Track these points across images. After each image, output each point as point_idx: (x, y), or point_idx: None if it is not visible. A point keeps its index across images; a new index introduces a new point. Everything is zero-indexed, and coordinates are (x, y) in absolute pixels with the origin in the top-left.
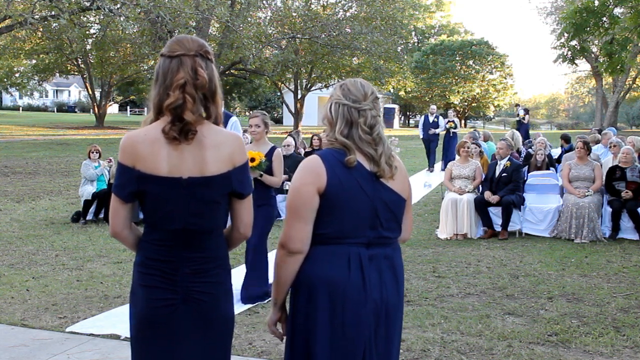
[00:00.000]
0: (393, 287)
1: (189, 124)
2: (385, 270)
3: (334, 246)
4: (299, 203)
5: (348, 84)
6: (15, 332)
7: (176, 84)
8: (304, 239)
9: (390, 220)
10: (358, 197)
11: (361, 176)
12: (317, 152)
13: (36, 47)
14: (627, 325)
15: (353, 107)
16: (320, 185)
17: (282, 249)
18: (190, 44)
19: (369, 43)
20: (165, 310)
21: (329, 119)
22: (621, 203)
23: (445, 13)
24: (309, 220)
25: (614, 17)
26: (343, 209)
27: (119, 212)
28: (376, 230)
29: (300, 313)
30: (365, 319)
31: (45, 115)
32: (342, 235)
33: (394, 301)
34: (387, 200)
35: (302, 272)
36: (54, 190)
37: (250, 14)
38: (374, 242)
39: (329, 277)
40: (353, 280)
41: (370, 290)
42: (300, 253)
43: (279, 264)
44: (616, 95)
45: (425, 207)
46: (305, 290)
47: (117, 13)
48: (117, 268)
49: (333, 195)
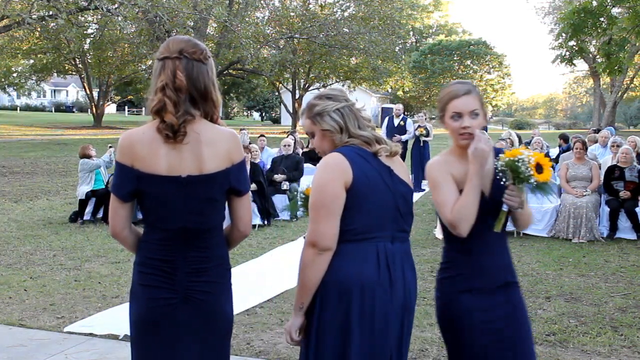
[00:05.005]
0: (413, 285)
1: (173, 125)
2: (407, 268)
3: (362, 243)
4: (327, 199)
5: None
6: (13, 332)
7: (157, 87)
8: (334, 236)
9: (407, 213)
10: (382, 190)
11: (382, 169)
12: (335, 150)
13: (34, 46)
14: (624, 325)
15: (350, 106)
16: (347, 180)
17: (312, 248)
18: (174, 45)
19: (367, 43)
20: (165, 309)
21: (335, 127)
22: (619, 203)
23: (443, 13)
24: (337, 216)
25: (612, 17)
26: (369, 202)
27: (118, 212)
28: (397, 224)
29: (330, 313)
30: (394, 318)
31: (43, 115)
32: (369, 230)
33: (415, 298)
34: (404, 192)
35: (331, 271)
36: (51, 190)
37: (248, 13)
38: (396, 236)
39: (361, 276)
40: (382, 280)
41: (396, 289)
42: (331, 250)
43: (307, 264)
44: (614, 95)
45: (424, 207)
46: (336, 290)
47: (115, 13)
48: (115, 268)
49: (359, 189)
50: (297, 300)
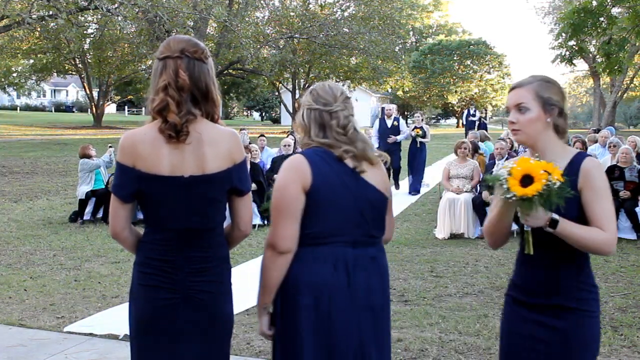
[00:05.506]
0: (379, 290)
1: (176, 125)
2: (372, 272)
3: (320, 247)
4: (285, 202)
5: (317, 89)
6: (13, 332)
7: (159, 87)
8: (293, 238)
9: (375, 218)
10: (343, 195)
11: (345, 173)
12: (299, 152)
13: (34, 46)
14: (624, 325)
15: (324, 111)
16: (306, 184)
17: (271, 249)
18: (175, 45)
19: (366, 43)
20: (166, 309)
21: (302, 126)
22: (619, 203)
23: (443, 13)
24: (296, 219)
25: (612, 17)
26: (328, 206)
27: (118, 212)
28: (362, 229)
29: (289, 313)
30: (353, 323)
31: (42, 115)
32: (328, 234)
33: (380, 304)
34: (372, 198)
35: (289, 273)
36: (51, 190)
37: (248, 13)
38: (360, 240)
39: (315, 281)
40: (339, 284)
41: (357, 293)
42: (290, 252)
43: (267, 265)
44: (614, 95)
45: (423, 206)
46: (293, 291)
47: (115, 13)
48: (115, 268)
49: (318, 193)
50: (260, 300)
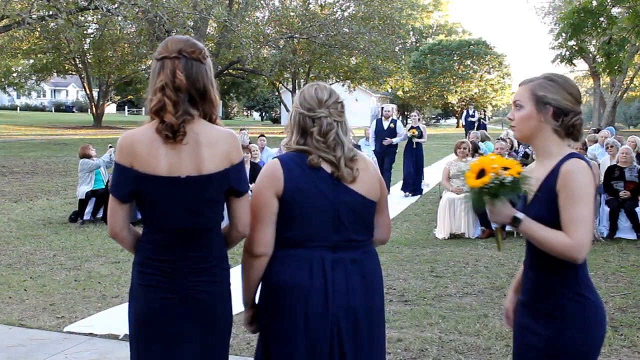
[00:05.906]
0: (362, 292)
1: (172, 125)
2: (352, 274)
3: (296, 250)
4: (258, 207)
5: (305, 91)
6: (12, 332)
7: (156, 87)
8: (266, 242)
9: (356, 223)
10: (318, 201)
11: (320, 179)
12: (277, 156)
13: (34, 46)
14: (624, 325)
15: (307, 116)
16: (278, 189)
17: (246, 252)
18: (173, 45)
19: (366, 43)
20: (165, 309)
21: (289, 127)
22: (619, 203)
23: (443, 13)
24: (269, 223)
25: (612, 17)
26: (303, 212)
27: (117, 212)
28: (341, 234)
29: (267, 314)
30: (327, 324)
31: (42, 115)
32: (304, 239)
33: (364, 307)
34: (352, 204)
35: (267, 275)
36: (51, 190)
37: (248, 13)
38: (340, 245)
39: (292, 282)
40: (315, 286)
41: (335, 296)
42: (264, 255)
43: (245, 267)
44: (614, 95)
45: (423, 206)
46: (270, 293)
47: (115, 13)
48: (115, 268)
49: (291, 198)
50: (243, 298)
